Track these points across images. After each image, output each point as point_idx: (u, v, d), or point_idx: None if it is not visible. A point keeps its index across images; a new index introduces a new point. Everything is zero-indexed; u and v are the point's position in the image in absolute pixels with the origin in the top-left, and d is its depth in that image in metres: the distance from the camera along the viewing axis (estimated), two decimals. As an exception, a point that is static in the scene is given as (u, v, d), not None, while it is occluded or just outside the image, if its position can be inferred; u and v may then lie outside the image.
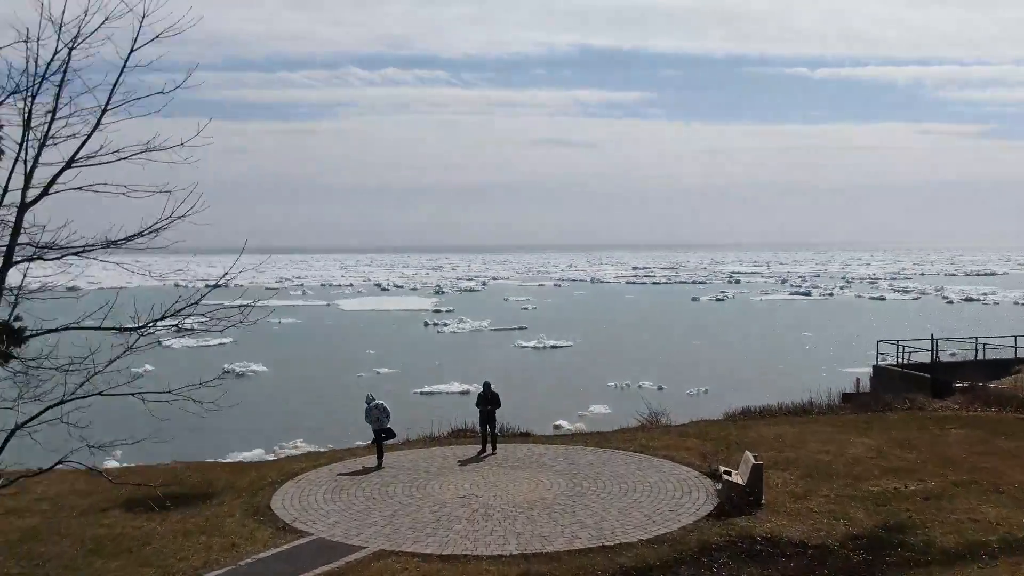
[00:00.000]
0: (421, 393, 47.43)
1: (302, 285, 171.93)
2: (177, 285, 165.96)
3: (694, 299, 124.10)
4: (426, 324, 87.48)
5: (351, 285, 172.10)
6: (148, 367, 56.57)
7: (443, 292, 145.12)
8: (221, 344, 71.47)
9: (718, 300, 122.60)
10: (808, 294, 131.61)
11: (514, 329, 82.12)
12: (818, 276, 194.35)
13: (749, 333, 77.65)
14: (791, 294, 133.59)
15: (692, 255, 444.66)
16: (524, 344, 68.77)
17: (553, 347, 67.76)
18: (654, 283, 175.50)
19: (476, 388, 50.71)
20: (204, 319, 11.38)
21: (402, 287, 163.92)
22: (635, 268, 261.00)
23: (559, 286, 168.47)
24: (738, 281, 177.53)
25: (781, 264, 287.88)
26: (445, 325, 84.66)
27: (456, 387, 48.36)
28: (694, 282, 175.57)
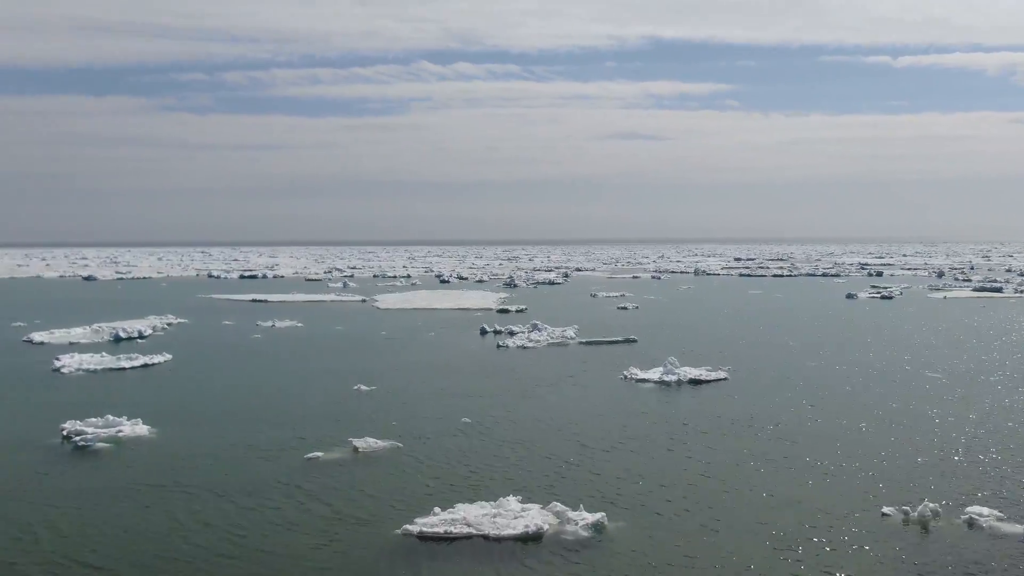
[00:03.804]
0: (419, 537, 18.73)
1: (350, 276, 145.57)
2: (210, 276, 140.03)
3: (849, 296, 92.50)
4: (484, 332, 58.82)
5: (408, 276, 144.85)
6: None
7: (515, 285, 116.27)
8: (147, 366, 44.40)
9: (883, 298, 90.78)
10: (999, 290, 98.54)
11: (617, 343, 52.72)
12: (972, 268, 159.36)
13: (1012, 356, 46.81)
14: (974, 290, 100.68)
15: (788, 247, 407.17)
16: (641, 376, 39.37)
17: (695, 382, 38.23)
18: (774, 276, 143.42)
19: (559, 524, 16.59)
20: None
21: (467, 279, 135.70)
22: (737, 259, 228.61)
23: (658, 278, 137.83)
24: (879, 274, 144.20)
25: (904, 255, 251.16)
26: (510, 335, 55.85)
27: (512, 514, 19.51)
28: (824, 275, 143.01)
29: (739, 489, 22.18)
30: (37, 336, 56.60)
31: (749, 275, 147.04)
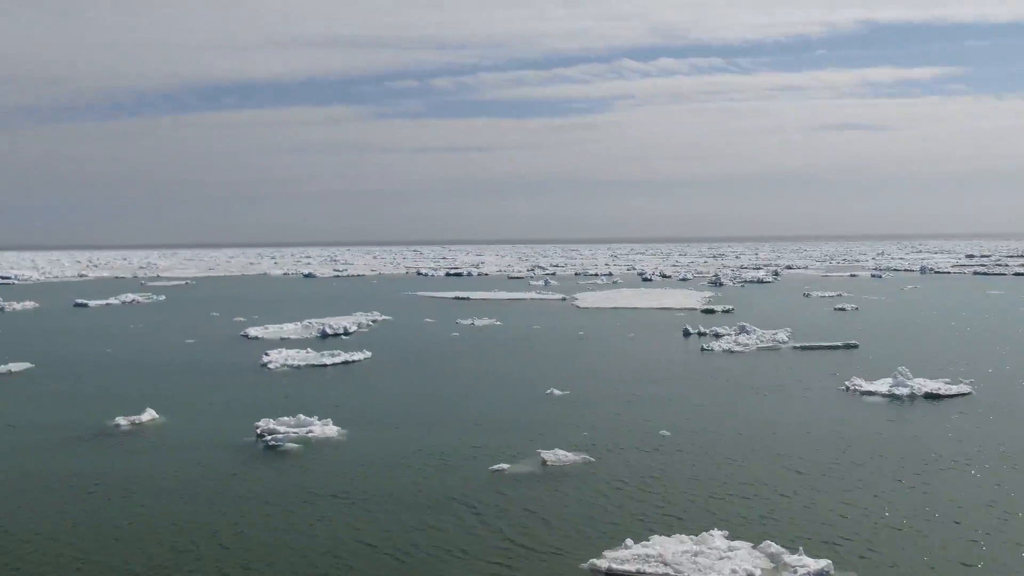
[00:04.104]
0: (607, 574, 16.46)
1: (552, 274, 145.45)
2: (419, 273, 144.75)
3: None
4: (687, 333, 55.60)
5: (610, 274, 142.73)
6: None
7: (721, 284, 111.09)
8: (347, 363, 44.99)
9: None
10: None
11: (836, 348, 47.91)
12: None
13: None
14: None
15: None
16: (866, 387, 34.93)
17: (931, 397, 33.41)
18: (1015, 274, 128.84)
19: (774, 570, 15.28)
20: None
21: (670, 277, 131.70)
22: (970, 256, 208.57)
23: (879, 277, 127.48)
24: None
25: None
26: (715, 337, 52.36)
27: (717, 554, 16.76)
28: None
29: (997, 540, 18.20)
30: (252, 331, 59.28)
31: (985, 273, 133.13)
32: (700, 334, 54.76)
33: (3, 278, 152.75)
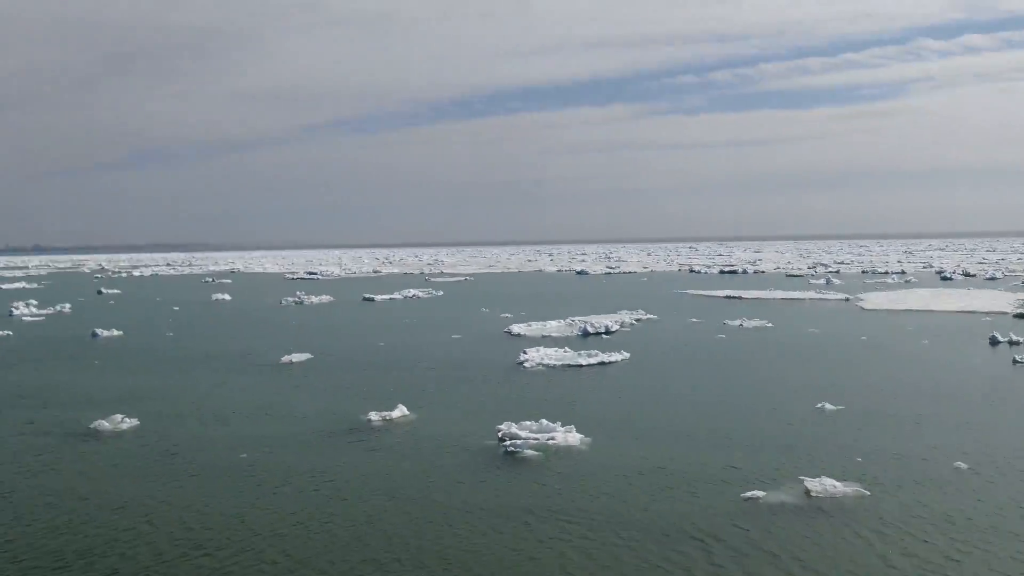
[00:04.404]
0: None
1: (836, 272, 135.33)
2: (691, 271, 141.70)
3: None
4: (994, 342, 48.29)
5: (902, 272, 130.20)
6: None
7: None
8: (603, 364, 43.77)
9: None
10: None
11: None
12: None
13: None
14: None
15: None
16: None
17: None
18: None
19: None
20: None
21: (974, 276, 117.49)
22: None
23: None
24: None
25: None
26: (1030, 348, 44.88)
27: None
28: None
29: None
30: (516, 328, 59.51)
31: None
32: (1011, 343, 47.29)
33: (310, 274, 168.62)
